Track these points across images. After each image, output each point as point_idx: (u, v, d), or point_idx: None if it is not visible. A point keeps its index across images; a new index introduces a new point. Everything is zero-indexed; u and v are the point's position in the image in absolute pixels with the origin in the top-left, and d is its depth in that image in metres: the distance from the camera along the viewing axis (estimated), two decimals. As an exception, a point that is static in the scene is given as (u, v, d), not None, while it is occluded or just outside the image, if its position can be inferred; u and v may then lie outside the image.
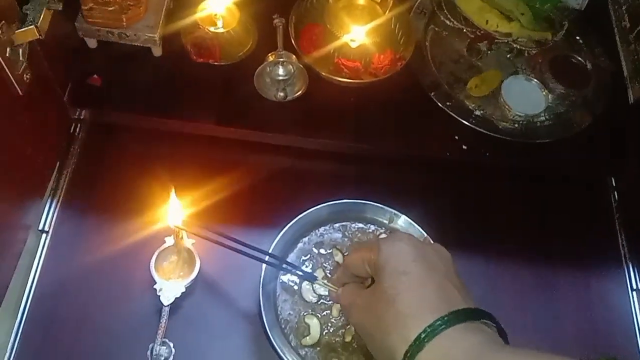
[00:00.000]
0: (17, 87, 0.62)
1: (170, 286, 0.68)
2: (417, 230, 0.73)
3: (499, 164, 0.86)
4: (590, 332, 0.78)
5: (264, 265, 0.67)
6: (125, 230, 0.73)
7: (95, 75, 0.80)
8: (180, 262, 0.70)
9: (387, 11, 0.86)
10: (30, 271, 0.71)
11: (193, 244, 0.70)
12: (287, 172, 0.82)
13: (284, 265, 0.67)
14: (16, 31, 0.61)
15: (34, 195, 0.73)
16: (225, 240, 0.61)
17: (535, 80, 0.87)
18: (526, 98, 0.85)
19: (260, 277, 0.67)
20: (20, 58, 0.63)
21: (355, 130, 0.84)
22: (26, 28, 0.61)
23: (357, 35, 0.83)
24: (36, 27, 0.62)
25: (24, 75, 0.63)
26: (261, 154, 0.83)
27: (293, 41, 0.85)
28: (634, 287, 0.82)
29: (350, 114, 0.84)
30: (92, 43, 0.82)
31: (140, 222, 0.74)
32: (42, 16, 0.62)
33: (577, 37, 0.94)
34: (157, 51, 0.82)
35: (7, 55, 0.60)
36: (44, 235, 0.73)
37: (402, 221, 0.74)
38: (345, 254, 0.72)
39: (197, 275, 0.69)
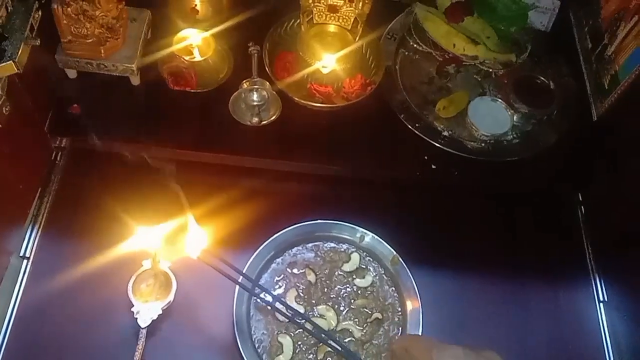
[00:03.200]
0: (-4, 119, 0.65)
1: (147, 308, 0.70)
2: (387, 249, 0.76)
3: (468, 183, 0.89)
4: (561, 344, 0.81)
5: (235, 290, 0.69)
6: (105, 254, 0.75)
7: (75, 105, 0.83)
8: (157, 285, 0.72)
9: (357, 38, 0.89)
10: (12, 295, 0.73)
11: (170, 267, 0.72)
12: (262, 194, 0.84)
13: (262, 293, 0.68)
14: (-5, 67, 0.63)
15: (16, 222, 0.76)
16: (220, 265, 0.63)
17: (501, 100, 0.91)
18: (492, 118, 0.89)
19: (234, 300, 0.69)
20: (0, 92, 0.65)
21: (328, 152, 0.86)
22: (4, 63, 0.64)
23: (328, 61, 0.87)
24: (14, 62, 0.64)
25: (3, 108, 0.66)
26: (237, 176, 0.85)
27: (267, 68, 0.88)
28: (601, 299, 0.84)
29: (323, 136, 0.87)
30: (71, 73, 0.85)
31: (119, 246, 0.76)
32: (20, 51, 0.65)
33: (542, 58, 0.97)
34: (135, 80, 0.85)
35: (-14, 90, 0.63)
36: (25, 260, 0.75)
37: (372, 240, 0.77)
38: (317, 273, 0.75)
39: (173, 298, 0.71)
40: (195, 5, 0.86)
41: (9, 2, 0.67)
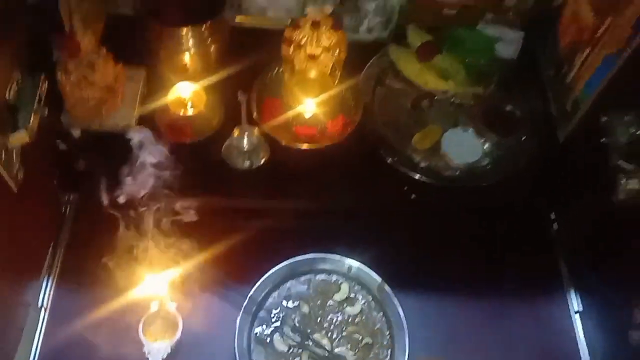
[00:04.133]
0: (12, 185, 0.72)
1: (157, 348, 0.76)
2: (373, 276, 0.82)
3: (446, 209, 0.96)
4: (541, 353, 0.87)
5: (237, 322, 0.76)
6: (116, 299, 0.82)
7: (80, 161, 0.90)
8: (165, 325, 0.79)
9: (336, 82, 0.97)
10: (33, 343, 0.79)
11: (176, 308, 0.79)
12: (256, 233, 0.91)
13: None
14: (10, 137, 0.71)
15: (32, 275, 0.83)
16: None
17: (472, 130, 0.98)
18: (465, 148, 0.96)
19: (235, 334, 0.76)
20: (14, 160, 0.73)
21: (316, 189, 0.94)
22: (18, 134, 0.71)
23: (311, 106, 0.94)
24: (27, 131, 0.72)
25: (18, 174, 0.73)
26: (233, 217, 0.92)
27: (255, 115, 0.95)
28: (576, 309, 0.91)
29: (310, 175, 0.95)
30: (76, 133, 0.92)
31: (129, 290, 0.82)
32: (31, 121, 0.73)
33: (510, 87, 1.05)
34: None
35: (2, 158, 0.70)
36: (42, 310, 0.82)
37: (359, 269, 0.83)
38: (310, 305, 0.81)
39: (180, 336, 0.78)
40: (186, 61, 0.94)
41: (20, 77, 0.74)
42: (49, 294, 0.83)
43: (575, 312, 0.91)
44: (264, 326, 0.79)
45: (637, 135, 0.79)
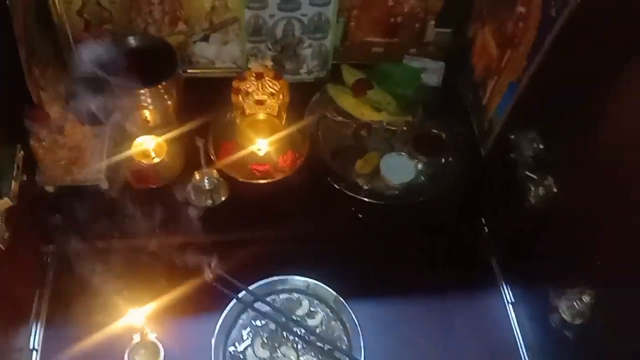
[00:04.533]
0: (0, 245, 0.81)
1: (142, 375, 0.86)
2: (328, 291, 0.94)
3: (391, 224, 1.08)
4: (483, 345, 1.00)
5: (212, 343, 0.86)
6: (101, 334, 0.91)
7: (57, 215, 0.99)
8: (147, 353, 0.88)
9: (283, 121, 1.09)
10: (28, 384, 0.88)
11: (156, 337, 0.89)
12: (223, 261, 1.01)
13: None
14: (-6, 204, 0.80)
15: (22, 321, 0.91)
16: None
17: (405, 153, 1.11)
18: (400, 169, 1.09)
19: (211, 354, 0.86)
20: (0, 223, 0.82)
21: (273, 218, 1.05)
22: (1, 200, 0.80)
23: (262, 145, 1.06)
24: (9, 197, 0.81)
25: (5, 235, 0.82)
26: (199, 252, 1.01)
27: (213, 156, 1.07)
28: (509, 300, 1.04)
29: (267, 206, 1.06)
30: (50, 188, 1.01)
31: (112, 326, 0.91)
32: (12, 188, 0.82)
33: (436, 112, 1.19)
34: (104, 185, 1.02)
35: (-10, 222, 0.80)
36: (34, 352, 0.91)
37: (315, 285, 0.95)
38: (277, 321, 0.93)
39: (162, 361, 0.87)
40: (147, 117, 1.04)
41: (-2, 149, 0.84)
42: (39, 337, 0.92)
43: (509, 304, 1.04)
44: (237, 344, 0.89)
45: (540, 150, 0.94)
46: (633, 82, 0.75)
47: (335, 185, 1.08)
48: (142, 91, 1.01)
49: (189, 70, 1.17)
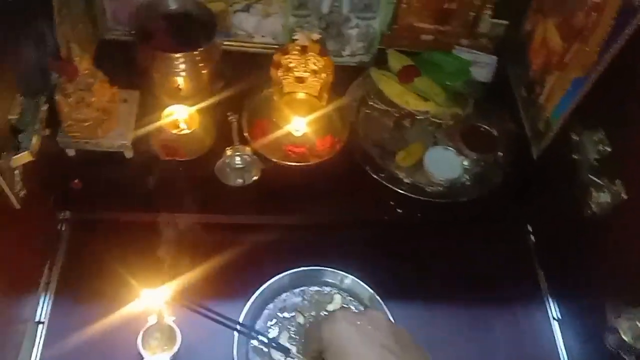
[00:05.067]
0: (15, 203, 0.74)
1: (156, 360, 0.78)
2: (365, 288, 0.86)
3: (430, 222, 1.00)
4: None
5: (236, 334, 0.78)
6: (113, 314, 0.83)
7: (76, 180, 0.92)
8: (163, 338, 0.81)
9: (324, 103, 1.02)
10: (31, 359, 0.80)
11: (173, 321, 0.81)
12: (249, 247, 0.94)
13: (258, 336, 0.77)
14: (13, 157, 0.73)
15: (30, 291, 0.84)
16: (207, 313, 0.72)
17: (452, 148, 1.03)
18: (445, 165, 1.01)
19: (233, 346, 0.78)
20: (17, 179, 0.75)
21: (306, 205, 0.97)
22: (21, 154, 0.73)
23: (300, 125, 0.99)
24: (29, 152, 0.74)
25: (21, 192, 0.75)
26: (226, 233, 0.95)
27: (246, 134, 0.99)
28: (555, 317, 0.96)
29: (300, 191, 0.98)
30: (71, 152, 0.94)
31: (125, 305, 0.84)
32: (33, 142, 0.75)
33: (485, 107, 1.11)
34: (129, 154, 0.96)
35: (7, 178, 0.72)
36: (40, 326, 0.83)
37: (351, 281, 0.87)
38: (305, 315, 0.85)
39: (179, 348, 0.80)
40: (179, 84, 0.97)
41: (22, 100, 0.77)
42: (46, 310, 0.84)
43: (554, 320, 0.96)
44: (262, 336, 0.81)
45: (606, 152, 0.86)
46: None
47: (374, 176, 1.00)
48: (177, 56, 0.94)
49: (225, 43, 1.10)
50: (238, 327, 0.76)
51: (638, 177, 0.80)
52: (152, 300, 0.76)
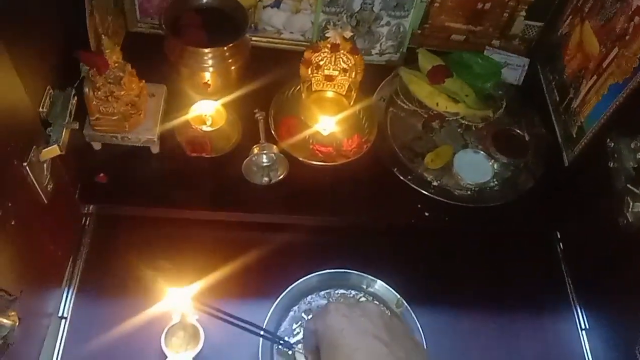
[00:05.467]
0: (43, 197, 0.73)
1: (179, 359, 0.77)
2: (392, 293, 0.85)
3: (458, 227, 0.98)
4: (550, 370, 0.90)
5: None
6: (136, 310, 0.83)
7: (101, 174, 0.91)
8: (186, 336, 0.80)
9: (352, 102, 1.00)
10: (54, 353, 0.80)
11: (197, 320, 0.80)
12: (275, 247, 0.92)
13: (280, 341, 0.76)
14: (43, 150, 0.72)
15: (54, 286, 0.83)
16: (227, 317, 0.71)
17: (482, 152, 1.01)
18: (475, 168, 0.99)
19: (259, 346, 0.77)
20: (45, 172, 0.74)
21: (332, 205, 0.96)
22: (50, 147, 0.72)
23: (327, 124, 0.97)
24: (58, 145, 0.73)
25: (48, 186, 0.74)
26: (251, 232, 0.94)
27: (273, 132, 0.98)
28: (583, 327, 0.94)
29: (326, 191, 0.97)
30: (97, 145, 0.94)
31: (149, 302, 0.83)
32: (62, 135, 0.74)
33: (516, 111, 1.09)
34: (155, 149, 0.94)
35: (35, 171, 0.71)
36: (63, 320, 0.82)
37: (378, 286, 0.86)
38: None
39: (202, 348, 0.79)
40: (207, 80, 0.96)
41: (52, 93, 0.76)
42: (70, 305, 0.84)
43: (582, 330, 0.94)
44: (287, 338, 0.80)
45: (646, 161, 0.83)
46: None
47: (402, 177, 0.98)
48: (206, 51, 0.93)
49: (253, 38, 1.08)
50: (261, 332, 0.75)
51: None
52: (178, 299, 0.75)
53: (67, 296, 0.85)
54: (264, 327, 0.77)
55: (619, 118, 0.90)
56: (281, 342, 0.76)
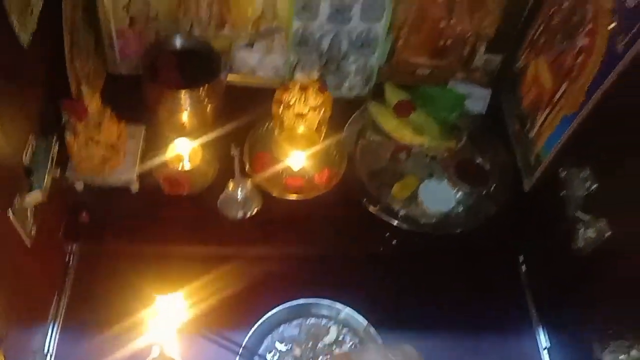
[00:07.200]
0: (26, 241, 0.78)
1: (159, 391, 0.82)
2: (360, 320, 0.90)
3: (424, 253, 1.04)
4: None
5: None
6: (119, 344, 0.87)
7: (83, 214, 0.96)
8: (166, 369, 0.84)
9: (322, 137, 1.05)
10: (39, 390, 0.84)
11: (176, 353, 0.84)
12: (250, 277, 0.96)
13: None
14: (26, 198, 0.77)
15: (39, 323, 0.87)
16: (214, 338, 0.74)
17: (446, 181, 1.07)
18: (439, 197, 1.05)
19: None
20: (29, 218, 0.78)
21: (304, 236, 1.01)
22: (34, 195, 0.77)
23: (298, 159, 1.02)
24: (41, 191, 0.78)
25: (32, 231, 0.79)
26: (227, 264, 0.98)
27: (247, 167, 1.03)
28: (544, 345, 0.99)
29: (299, 223, 1.02)
30: (79, 186, 0.98)
31: (131, 335, 0.87)
32: (45, 182, 0.79)
33: (479, 140, 1.14)
34: (134, 188, 0.99)
35: (19, 217, 0.76)
36: (48, 357, 0.87)
37: (345, 314, 0.90)
38: (302, 347, 0.88)
39: (181, 379, 0.83)
40: (184, 121, 1.01)
41: (34, 141, 0.81)
42: (55, 341, 0.88)
43: (544, 349, 0.99)
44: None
45: (593, 189, 0.89)
46: None
47: (370, 208, 1.03)
48: (182, 92, 0.98)
49: (229, 78, 1.14)
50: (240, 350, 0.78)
51: (622, 215, 0.83)
52: (167, 305, 0.79)
53: (51, 333, 0.89)
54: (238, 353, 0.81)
55: (569, 149, 0.95)
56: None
